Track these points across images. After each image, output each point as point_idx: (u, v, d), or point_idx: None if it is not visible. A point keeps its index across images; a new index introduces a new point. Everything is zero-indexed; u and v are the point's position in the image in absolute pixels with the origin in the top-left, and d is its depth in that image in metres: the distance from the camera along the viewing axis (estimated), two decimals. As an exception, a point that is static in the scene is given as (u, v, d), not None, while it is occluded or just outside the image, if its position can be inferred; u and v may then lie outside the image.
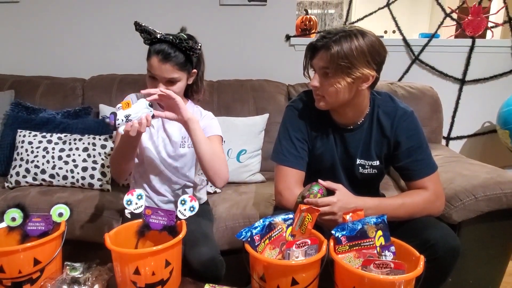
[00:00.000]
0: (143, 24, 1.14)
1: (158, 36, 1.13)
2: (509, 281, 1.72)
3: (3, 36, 2.24)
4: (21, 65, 2.22)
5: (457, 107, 2.27)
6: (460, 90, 2.25)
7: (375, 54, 1.03)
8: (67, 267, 0.96)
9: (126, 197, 1.03)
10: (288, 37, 2.22)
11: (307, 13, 2.37)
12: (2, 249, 0.89)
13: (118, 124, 1.00)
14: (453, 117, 2.29)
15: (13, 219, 0.99)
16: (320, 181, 1.07)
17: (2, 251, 0.89)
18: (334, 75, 1.04)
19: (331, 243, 0.88)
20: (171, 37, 1.13)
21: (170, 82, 1.16)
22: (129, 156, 1.17)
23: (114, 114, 1.00)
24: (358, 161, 1.19)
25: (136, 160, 1.29)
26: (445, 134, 2.29)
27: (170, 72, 1.14)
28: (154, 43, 1.15)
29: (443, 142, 2.31)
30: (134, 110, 1.02)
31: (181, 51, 1.15)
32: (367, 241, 0.87)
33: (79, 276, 0.94)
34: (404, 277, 0.75)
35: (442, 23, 2.23)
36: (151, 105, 1.04)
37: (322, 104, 1.12)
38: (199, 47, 1.16)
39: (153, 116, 1.05)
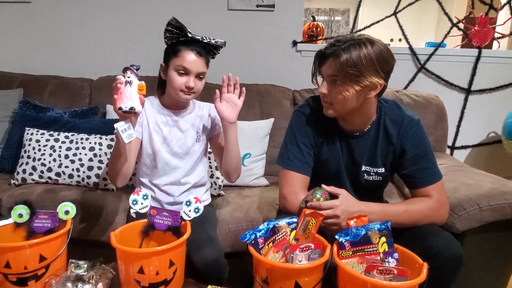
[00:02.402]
0: (179, 21, 1.19)
1: (190, 35, 1.19)
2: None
3: (14, 35, 2.27)
4: (30, 64, 2.26)
5: (462, 117, 2.27)
6: (466, 99, 2.25)
7: (384, 62, 1.04)
8: (72, 265, 0.97)
9: (132, 197, 1.04)
10: (295, 43, 2.23)
11: (314, 20, 2.39)
12: (9, 244, 0.90)
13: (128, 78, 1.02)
14: (458, 126, 2.29)
15: (20, 216, 1.00)
16: (323, 186, 1.08)
17: (9, 247, 0.90)
18: (343, 83, 1.05)
19: (335, 248, 0.88)
20: (198, 36, 1.21)
21: (199, 77, 1.23)
22: (126, 153, 1.16)
23: (131, 72, 1.02)
24: (363, 168, 1.20)
25: (148, 161, 1.30)
26: (449, 143, 2.29)
27: (203, 67, 1.22)
28: (183, 42, 1.20)
29: (448, 151, 2.31)
30: (133, 93, 1.02)
31: (206, 51, 1.23)
32: (371, 247, 0.87)
33: (83, 273, 0.94)
34: (407, 283, 0.76)
35: (448, 32, 2.24)
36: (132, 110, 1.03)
37: (331, 112, 1.13)
38: (223, 45, 1.26)
39: (133, 110, 1.03)
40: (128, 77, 1.02)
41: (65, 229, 0.98)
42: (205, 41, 1.21)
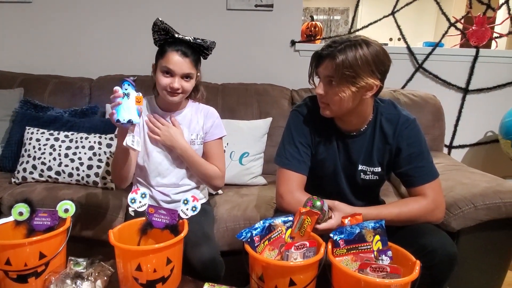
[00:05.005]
0: (165, 22, 1.19)
1: (176, 35, 1.19)
2: (507, 291, 1.72)
3: (15, 35, 2.28)
4: (31, 64, 2.27)
5: (460, 116, 2.28)
6: (463, 99, 2.26)
7: (379, 63, 1.05)
8: (71, 262, 0.98)
9: (130, 196, 1.05)
10: (293, 43, 2.24)
11: (312, 19, 2.40)
12: (9, 242, 0.92)
13: (126, 90, 1.02)
14: (456, 125, 2.29)
15: (20, 214, 1.02)
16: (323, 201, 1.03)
17: (9, 244, 0.91)
18: (339, 84, 1.06)
19: (329, 246, 0.89)
20: (187, 37, 1.20)
21: (185, 78, 1.22)
22: (127, 156, 1.18)
23: (128, 84, 1.03)
24: (360, 167, 1.21)
25: (143, 162, 1.31)
26: (447, 142, 2.30)
27: (188, 67, 1.21)
28: (171, 43, 1.20)
29: (446, 150, 2.32)
30: (131, 105, 1.03)
31: (195, 51, 1.22)
32: (365, 245, 0.89)
33: (82, 271, 0.96)
34: (400, 281, 0.77)
35: (446, 32, 2.24)
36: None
37: (328, 112, 1.14)
38: (213, 46, 1.25)
39: (131, 123, 1.05)
40: (126, 89, 1.03)
41: (65, 227, 1.00)
42: (192, 41, 1.20)
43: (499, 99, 2.23)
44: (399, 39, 2.33)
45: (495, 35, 2.24)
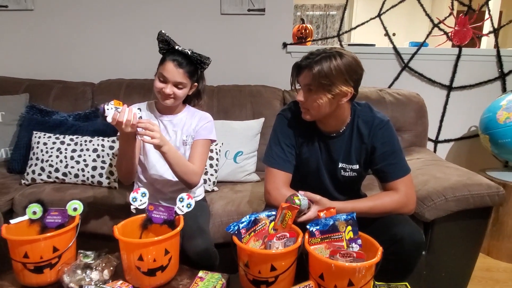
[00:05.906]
0: (166, 34, 1.31)
1: (176, 47, 1.31)
2: (483, 276, 1.84)
3: (19, 42, 2.39)
4: (35, 70, 2.37)
5: (444, 112, 2.39)
6: (448, 96, 2.37)
7: (352, 72, 1.16)
8: (81, 255, 1.09)
9: (132, 195, 1.16)
10: (285, 45, 2.35)
11: (303, 22, 2.50)
12: (27, 238, 1.04)
13: (107, 112, 1.13)
14: (441, 121, 2.40)
15: (34, 213, 1.13)
16: (301, 192, 1.15)
17: (26, 240, 1.03)
18: (317, 91, 1.17)
19: (306, 236, 1.01)
20: (186, 50, 1.31)
21: (177, 85, 1.33)
22: (129, 156, 1.29)
23: (105, 105, 1.15)
24: (340, 165, 1.32)
25: (143, 160, 1.42)
26: (433, 137, 2.41)
27: (180, 77, 1.32)
28: (170, 53, 1.32)
29: (432, 145, 2.43)
30: (124, 108, 1.16)
31: (192, 63, 1.33)
32: (337, 234, 1.01)
33: (91, 262, 1.07)
34: (364, 264, 0.89)
35: (430, 32, 2.34)
36: (140, 117, 1.19)
37: (308, 116, 1.26)
38: (208, 62, 1.36)
39: (140, 117, 1.19)
40: (112, 108, 1.14)
41: (74, 224, 1.11)
42: (189, 54, 1.31)
43: (481, 96, 2.34)
44: (393, 34, 2.40)
45: (485, 32, 2.32)
